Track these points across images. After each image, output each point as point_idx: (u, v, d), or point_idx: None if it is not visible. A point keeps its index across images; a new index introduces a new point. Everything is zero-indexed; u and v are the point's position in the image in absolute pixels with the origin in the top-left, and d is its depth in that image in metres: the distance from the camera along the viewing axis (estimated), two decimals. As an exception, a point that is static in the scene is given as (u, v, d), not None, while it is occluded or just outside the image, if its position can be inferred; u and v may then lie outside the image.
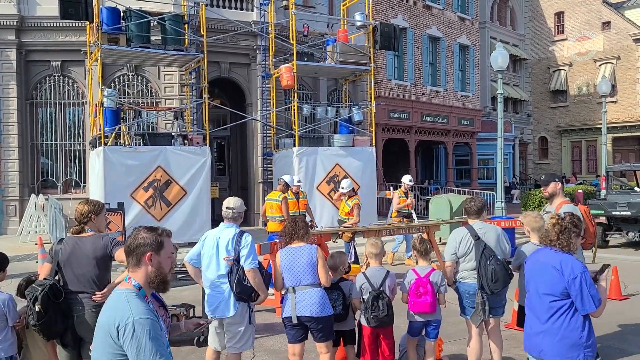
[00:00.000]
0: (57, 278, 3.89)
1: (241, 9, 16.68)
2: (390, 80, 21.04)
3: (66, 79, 15.84)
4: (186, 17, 13.89)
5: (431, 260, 5.41)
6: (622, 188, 15.33)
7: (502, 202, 14.55)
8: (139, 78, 15.99)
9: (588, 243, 5.44)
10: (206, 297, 4.59)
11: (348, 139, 15.33)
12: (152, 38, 13.39)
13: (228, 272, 4.39)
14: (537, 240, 5.01)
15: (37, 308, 3.65)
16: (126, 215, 11.55)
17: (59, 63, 15.56)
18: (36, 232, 13.75)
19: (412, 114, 21.73)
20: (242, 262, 4.36)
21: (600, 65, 31.87)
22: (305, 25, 15.98)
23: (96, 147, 12.78)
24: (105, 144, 12.14)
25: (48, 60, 15.55)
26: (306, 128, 16.01)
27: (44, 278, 3.90)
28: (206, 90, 13.81)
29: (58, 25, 14.92)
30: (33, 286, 3.81)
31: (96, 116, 13.10)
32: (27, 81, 15.57)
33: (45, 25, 15.16)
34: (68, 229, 11.24)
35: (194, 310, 6.44)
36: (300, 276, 4.43)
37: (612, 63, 31.46)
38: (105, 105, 12.39)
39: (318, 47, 16.61)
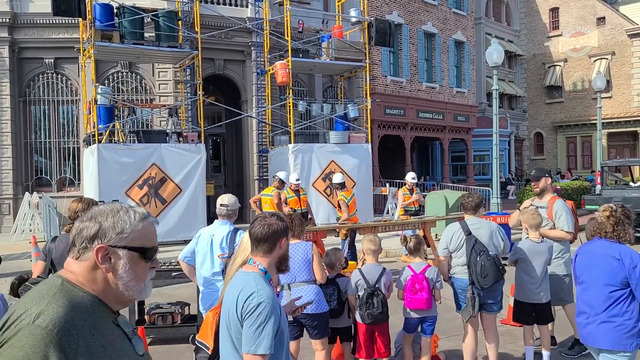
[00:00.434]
0: (51, 276, 3.86)
1: (236, 5, 16.61)
2: (385, 76, 21.02)
3: (59, 76, 15.74)
4: (180, 14, 13.81)
5: (427, 256, 5.40)
6: (617, 183, 15.37)
7: (498, 198, 14.56)
8: (133, 75, 15.91)
9: (573, 238, 5.50)
10: (201, 295, 4.56)
11: (344, 136, 15.31)
12: (146, 35, 13.31)
13: (223, 270, 4.36)
14: (535, 236, 5.02)
15: (31, 307, 3.61)
16: (121, 213, 11.49)
17: (52, 60, 15.46)
18: (30, 231, 13.69)
19: (408, 111, 21.72)
20: (237, 260, 4.33)
21: (595, 60, 31.93)
22: (300, 21, 15.93)
23: (90, 145, 12.72)
24: (99, 142, 12.08)
25: (41, 57, 15.44)
26: (302, 125, 15.97)
27: (38, 276, 3.87)
28: (201, 87, 13.76)
29: (51, 22, 14.82)
30: (27, 284, 3.77)
31: (90, 113, 13.02)
32: (20, 79, 15.47)
33: (38, 22, 15.06)
34: (62, 227, 11.21)
35: (189, 308, 6.41)
36: (295, 273, 4.41)
37: (607, 59, 31.53)
38: (99, 102, 12.33)
39: (313, 44, 16.55)
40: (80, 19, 12.75)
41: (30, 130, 15.70)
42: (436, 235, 12.08)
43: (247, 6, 16.71)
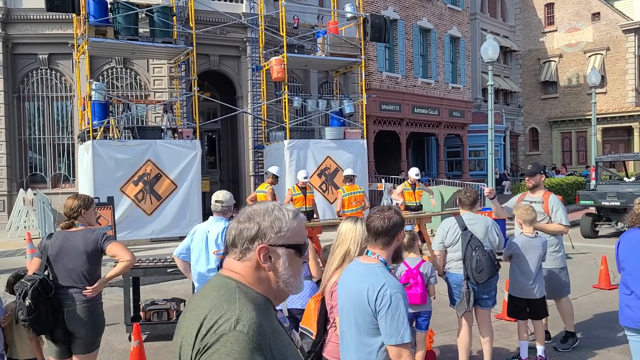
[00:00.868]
0: (47, 273, 3.85)
1: (230, 1, 16.55)
2: (381, 72, 21.00)
3: (54, 72, 15.66)
4: (175, 9, 13.74)
5: (421, 251, 5.42)
6: (612, 178, 15.44)
7: (494, 190, 14.60)
8: (128, 71, 15.85)
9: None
10: (196, 291, 4.55)
11: (339, 132, 15.30)
12: (141, 30, 13.26)
13: (218, 266, 4.36)
14: (529, 232, 5.05)
15: (27, 303, 3.61)
16: (116, 209, 11.49)
17: (46, 56, 15.38)
18: (25, 227, 13.65)
19: (403, 106, 21.73)
20: (232, 256, 4.33)
21: (590, 56, 32.00)
22: (295, 17, 15.89)
23: (85, 141, 12.67)
24: (94, 138, 12.04)
25: (35, 53, 15.36)
26: (297, 121, 15.95)
27: (34, 273, 3.86)
28: (196, 83, 13.72)
29: (45, 17, 14.74)
30: (22, 281, 3.77)
31: (84, 110, 12.98)
32: (14, 74, 15.38)
33: (31, 17, 14.97)
34: (57, 224, 11.17)
35: (185, 304, 6.41)
36: (290, 269, 4.42)
37: (602, 54, 31.60)
38: (93, 98, 12.28)
39: (308, 39, 16.53)
40: (74, 15, 12.69)
41: (24, 126, 15.62)
42: (432, 230, 12.12)
43: (242, 2, 16.65)
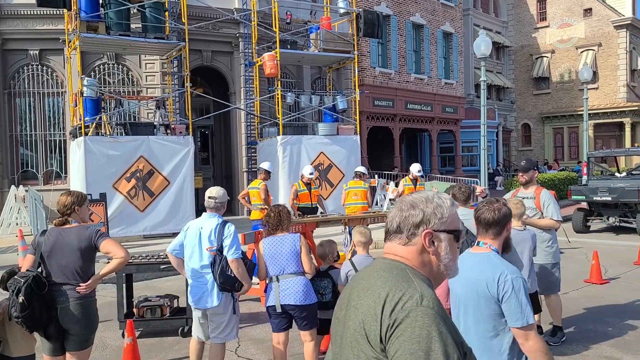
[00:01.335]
0: (40, 270, 3.84)
1: (223, -4, 16.48)
2: (374, 67, 21.01)
3: (45, 68, 15.55)
4: (167, 5, 13.66)
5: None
6: (603, 174, 15.53)
7: (486, 189, 14.66)
8: (120, 67, 15.76)
9: None
10: (189, 288, 4.55)
11: (332, 127, 15.30)
12: (133, 26, 13.17)
13: (211, 263, 4.36)
14: (517, 225, 5.08)
15: (21, 299, 3.59)
16: (108, 206, 11.44)
17: (37, 52, 15.27)
18: (17, 224, 13.58)
19: (397, 102, 21.75)
20: (225, 253, 4.33)
21: (581, 52, 32.14)
22: (288, 12, 15.86)
23: (77, 138, 12.60)
24: (86, 134, 11.97)
25: (26, 49, 15.24)
26: (290, 117, 15.94)
27: (27, 270, 3.85)
28: (188, 78, 13.66)
29: (35, 13, 14.62)
30: (15, 278, 3.75)
31: (76, 106, 12.89)
32: (5, 70, 15.25)
33: (22, 13, 14.84)
34: (49, 221, 11.10)
35: (178, 300, 6.41)
36: (283, 265, 4.43)
37: (594, 50, 31.75)
38: (85, 94, 12.20)
39: (301, 35, 16.49)
40: (65, 10, 12.59)
41: (15, 122, 15.51)
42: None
43: (235, -3, 16.59)
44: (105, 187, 11.66)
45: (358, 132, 16.07)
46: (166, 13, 13.48)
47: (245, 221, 11.92)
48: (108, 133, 12.75)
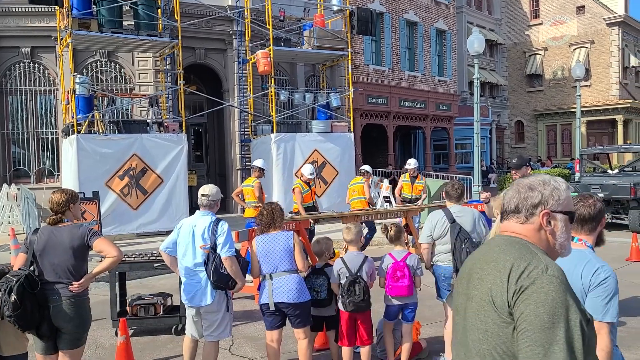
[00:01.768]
0: (32, 268, 3.82)
1: (216, -7, 16.41)
2: (367, 65, 20.99)
3: (37, 66, 15.45)
4: (159, 2, 13.61)
5: (407, 243, 5.44)
6: (596, 171, 15.61)
7: (479, 186, 14.70)
8: (112, 64, 15.69)
9: None
10: (183, 286, 4.54)
11: (326, 125, 15.30)
12: (125, 23, 13.11)
13: (205, 261, 4.35)
14: None
15: (13, 298, 3.57)
16: (101, 204, 11.40)
17: (29, 49, 15.17)
18: (9, 223, 13.50)
19: (390, 99, 21.75)
20: (219, 250, 4.32)
21: (574, 49, 32.26)
22: (281, 9, 15.82)
23: (69, 136, 12.54)
24: (78, 132, 11.91)
25: (17, 46, 15.13)
26: (284, 114, 15.92)
27: (19, 268, 3.82)
28: (181, 76, 13.61)
29: (27, 10, 14.52)
30: (8, 277, 3.73)
31: (68, 104, 12.83)
32: (-4, 68, 15.17)
33: (13, 10, 14.74)
34: (42, 219, 11.05)
35: (172, 299, 6.39)
36: (277, 263, 4.42)
37: (586, 47, 31.87)
38: (77, 92, 12.15)
39: (295, 32, 16.46)
40: (56, 7, 12.50)
41: (7, 120, 15.41)
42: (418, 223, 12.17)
43: (228, -6, 16.54)
44: (98, 185, 11.62)
45: (352, 130, 16.07)
46: (159, 10, 13.44)
47: (239, 219, 11.90)
48: (101, 131, 12.70)
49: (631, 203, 12.78)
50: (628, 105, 30.73)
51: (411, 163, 10.98)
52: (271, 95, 14.83)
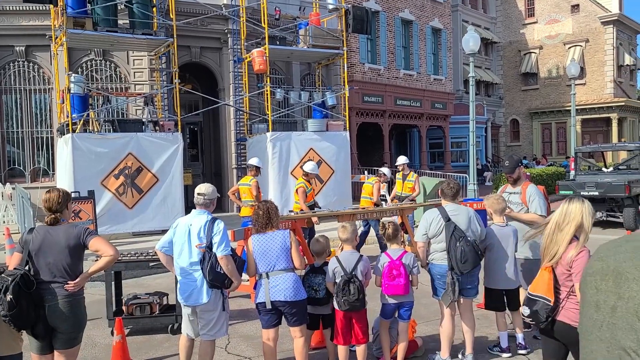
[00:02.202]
0: (28, 268, 3.82)
1: (211, -8, 16.38)
2: (363, 64, 21.00)
3: (31, 65, 15.39)
4: (155, 0, 13.57)
5: (403, 242, 5.45)
6: (591, 169, 15.67)
7: (475, 184, 14.74)
8: (107, 63, 15.63)
9: None
10: (179, 285, 4.54)
11: (322, 124, 15.29)
12: (120, 22, 13.07)
13: (201, 260, 4.35)
14: (500, 221, 5.14)
15: (9, 298, 3.57)
16: (97, 203, 11.38)
17: (23, 48, 15.10)
18: (4, 222, 13.45)
19: (386, 98, 21.77)
20: (215, 249, 4.32)
21: (569, 48, 32.36)
22: (276, 8, 15.80)
23: (64, 135, 12.50)
24: (73, 131, 11.87)
25: (12, 45, 15.06)
26: (279, 113, 15.90)
27: (15, 268, 3.82)
28: (177, 75, 13.58)
29: (21, 8, 14.45)
30: (3, 276, 3.73)
31: (63, 103, 12.78)
32: (-10, 67, 15.10)
33: (7, 8, 14.66)
34: (37, 219, 11.02)
35: (167, 298, 6.39)
36: (274, 261, 4.42)
37: (581, 46, 31.98)
38: (72, 91, 12.09)
39: (290, 31, 16.44)
40: (51, 6, 12.45)
41: (1, 119, 15.34)
42: (414, 221, 12.19)
43: (223, -7, 16.50)
44: (93, 185, 11.59)
45: (347, 128, 16.07)
46: (154, 9, 13.39)
47: (234, 218, 11.90)
48: (96, 130, 12.66)
49: (626, 201, 12.84)
50: (622, 103, 30.86)
51: (399, 160, 11.06)
52: (267, 93, 14.82)
